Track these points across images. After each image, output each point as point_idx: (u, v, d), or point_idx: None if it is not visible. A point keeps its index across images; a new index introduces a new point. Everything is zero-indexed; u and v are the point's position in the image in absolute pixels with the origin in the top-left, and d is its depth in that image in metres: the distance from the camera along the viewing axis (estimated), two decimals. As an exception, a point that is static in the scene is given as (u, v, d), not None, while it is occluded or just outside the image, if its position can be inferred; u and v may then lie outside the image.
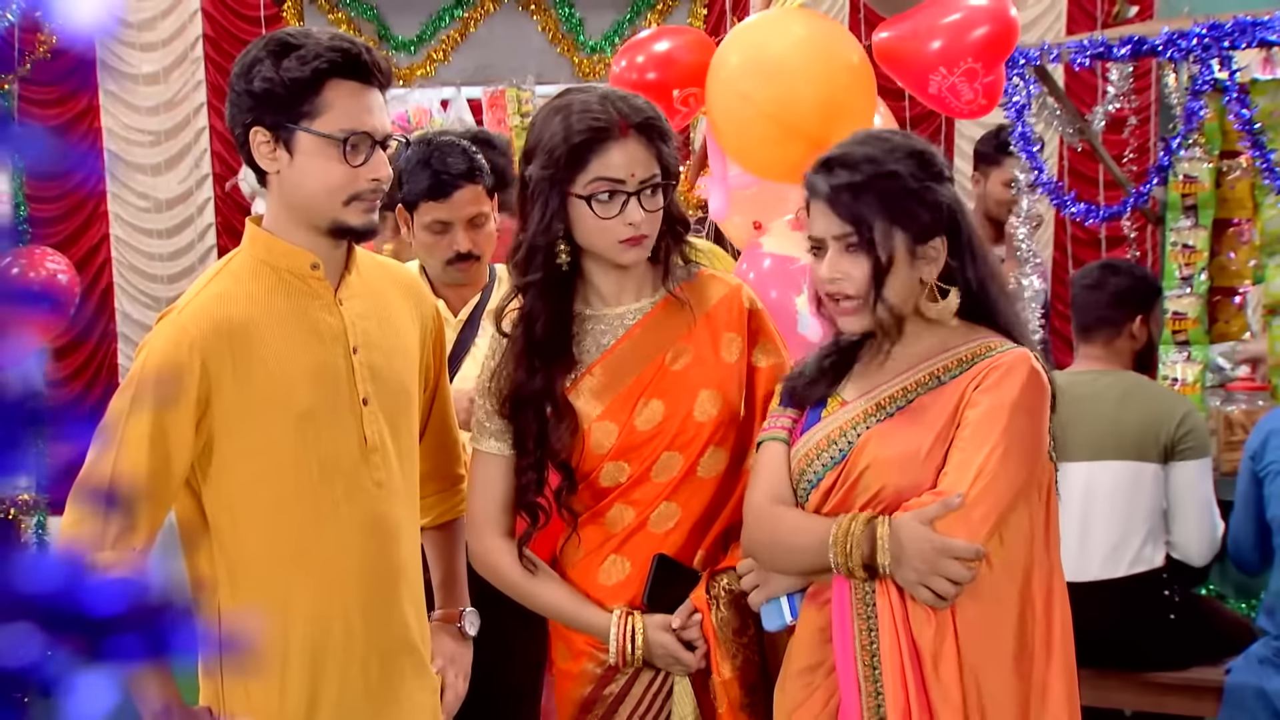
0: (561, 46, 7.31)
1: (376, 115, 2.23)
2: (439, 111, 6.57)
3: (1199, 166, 4.83)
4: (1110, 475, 3.77)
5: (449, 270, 3.18)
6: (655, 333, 2.35)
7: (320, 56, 2.15)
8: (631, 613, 2.30)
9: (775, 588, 2.17)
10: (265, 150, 2.19)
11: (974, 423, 2.02)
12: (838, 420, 2.13)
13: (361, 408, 2.26)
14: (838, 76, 3.17)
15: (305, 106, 2.16)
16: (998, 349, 2.09)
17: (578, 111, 2.26)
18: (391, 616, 2.29)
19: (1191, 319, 4.81)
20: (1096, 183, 6.66)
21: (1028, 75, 4.61)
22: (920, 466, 2.04)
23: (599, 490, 2.34)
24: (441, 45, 7.29)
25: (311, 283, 2.25)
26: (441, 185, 3.11)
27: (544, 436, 2.32)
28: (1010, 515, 2.04)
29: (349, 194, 2.20)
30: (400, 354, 2.35)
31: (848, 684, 2.05)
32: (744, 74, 3.21)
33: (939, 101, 3.32)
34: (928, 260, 2.09)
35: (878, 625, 2.03)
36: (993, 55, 3.24)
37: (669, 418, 2.30)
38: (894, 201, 2.05)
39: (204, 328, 2.17)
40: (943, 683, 2.00)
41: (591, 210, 2.26)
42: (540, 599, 2.38)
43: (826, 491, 2.12)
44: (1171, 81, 5.04)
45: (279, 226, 2.26)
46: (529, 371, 2.32)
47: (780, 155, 3.18)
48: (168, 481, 2.15)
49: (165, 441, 2.13)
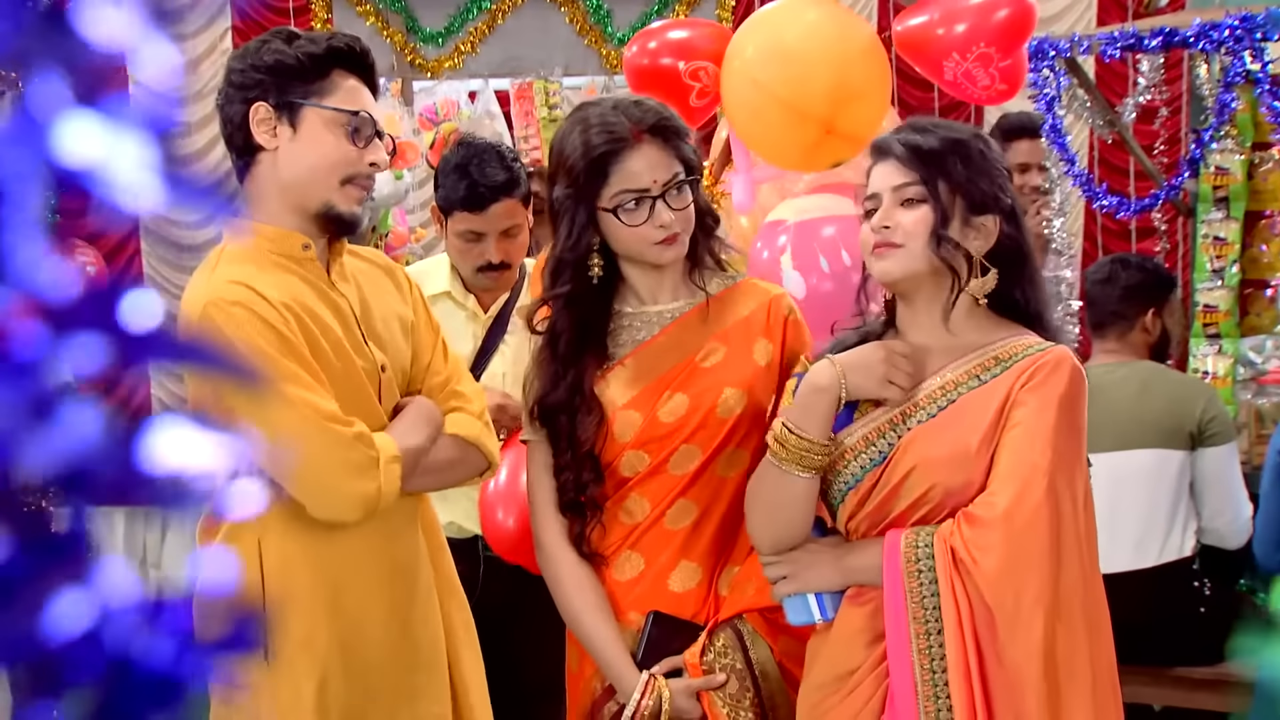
0: (589, 38, 7.31)
1: (373, 108, 2.32)
2: (466, 103, 6.57)
3: (1231, 158, 4.80)
4: (1136, 464, 3.77)
5: (481, 279, 3.17)
6: (689, 331, 2.35)
7: (326, 45, 2.27)
8: (656, 677, 2.27)
9: (807, 583, 2.14)
10: (265, 127, 2.24)
11: (1024, 422, 2.02)
12: (876, 420, 2.11)
13: (380, 375, 2.32)
14: (849, 61, 3.16)
15: (315, 84, 2.24)
16: (1036, 347, 2.09)
17: (593, 126, 2.28)
18: (418, 568, 2.37)
19: (1223, 311, 4.78)
20: (1126, 173, 6.63)
21: (1058, 67, 4.59)
22: (971, 465, 2.03)
23: (619, 479, 2.35)
24: (469, 37, 7.29)
25: (306, 264, 2.28)
26: (479, 198, 3.07)
27: (574, 429, 2.33)
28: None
29: (347, 173, 2.26)
30: (398, 321, 2.40)
31: (902, 684, 2.02)
32: (757, 58, 3.21)
33: (957, 88, 3.31)
34: (978, 232, 2.09)
35: (941, 618, 2.00)
36: (1008, 40, 3.23)
37: (692, 411, 2.30)
38: (958, 166, 2.08)
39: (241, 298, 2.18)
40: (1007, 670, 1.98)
41: (620, 221, 2.28)
42: (580, 621, 2.35)
43: (866, 493, 2.10)
44: (1203, 73, 5.00)
45: (266, 212, 2.28)
46: (553, 382, 2.34)
47: (791, 139, 3.18)
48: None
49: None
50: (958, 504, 2.04)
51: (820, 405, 2.07)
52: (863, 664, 2.08)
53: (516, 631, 2.94)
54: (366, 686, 2.30)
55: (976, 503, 2.01)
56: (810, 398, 2.08)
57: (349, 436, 2.18)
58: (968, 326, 2.13)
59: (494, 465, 2.46)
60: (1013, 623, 1.97)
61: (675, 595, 2.32)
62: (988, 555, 1.97)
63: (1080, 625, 2.03)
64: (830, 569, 2.13)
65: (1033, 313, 2.15)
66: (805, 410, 2.08)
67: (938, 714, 1.99)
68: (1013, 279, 2.13)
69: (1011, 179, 2.19)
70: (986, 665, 1.98)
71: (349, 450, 2.18)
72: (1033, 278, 2.17)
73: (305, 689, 2.24)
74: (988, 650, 1.98)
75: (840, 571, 2.12)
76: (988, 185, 2.09)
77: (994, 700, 1.98)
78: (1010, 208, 2.12)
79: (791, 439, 2.07)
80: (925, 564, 2.01)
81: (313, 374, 2.18)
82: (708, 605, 2.33)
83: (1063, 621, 1.99)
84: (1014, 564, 1.97)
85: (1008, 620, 1.97)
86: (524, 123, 6.53)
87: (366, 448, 2.19)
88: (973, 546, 1.98)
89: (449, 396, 2.42)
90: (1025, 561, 1.97)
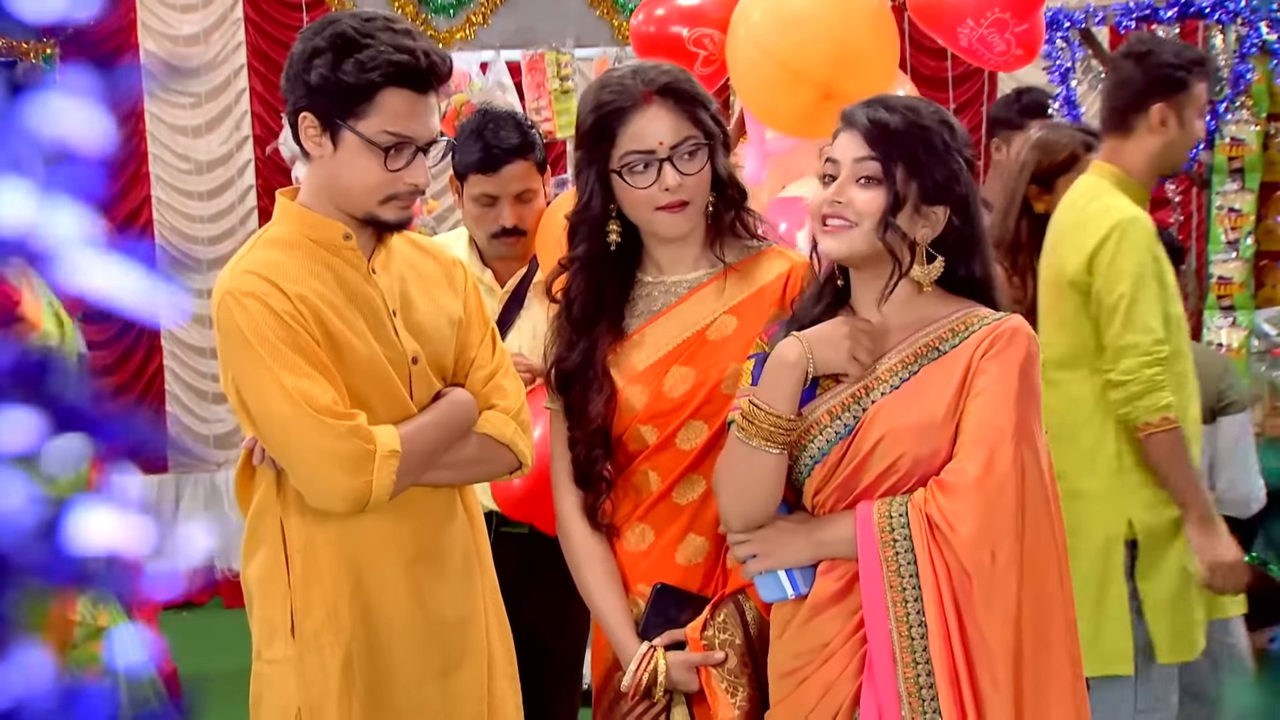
0: (601, 9, 7.28)
1: (423, 121, 2.25)
2: (478, 75, 6.55)
3: (1246, 129, 4.78)
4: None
5: (496, 245, 3.18)
6: (702, 304, 2.35)
7: (379, 68, 2.18)
8: (655, 649, 2.29)
9: (779, 559, 2.15)
10: (312, 135, 2.24)
11: (987, 389, 2.06)
12: (840, 395, 2.13)
13: (411, 366, 2.32)
14: (854, 26, 3.15)
15: (355, 107, 2.20)
16: (991, 318, 2.13)
17: (606, 86, 2.29)
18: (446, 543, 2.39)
19: (1237, 283, 4.77)
20: (1141, 144, 6.58)
21: (1073, 38, 4.56)
22: (937, 434, 2.07)
23: (629, 453, 2.35)
24: (481, 8, 7.27)
25: (345, 253, 2.29)
26: (492, 159, 3.11)
27: (584, 402, 2.34)
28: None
29: (385, 195, 2.25)
30: (444, 315, 2.40)
31: (881, 653, 2.04)
32: (762, 22, 3.19)
33: (972, 54, 3.30)
34: (926, 221, 2.12)
35: (918, 585, 2.03)
36: (1023, 4, 3.21)
37: (697, 386, 2.30)
38: (919, 152, 2.10)
39: (255, 289, 2.21)
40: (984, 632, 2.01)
41: (626, 183, 2.27)
42: (590, 592, 2.38)
43: (834, 466, 2.12)
44: (1219, 43, 4.98)
45: (315, 201, 2.31)
46: (568, 347, 2.35)
47: (790, 102, 3.17)
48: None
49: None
50: (925, 473, 2.07)
51: (788, 380, 2.10)
52: (837, 635, 2.11)
53: (527, 605, 2.95)
54: (391, 663, 2.33)
55: (947, 470, 2.05)
56: (778, 373, 2.10)
57: (342, 429, 2.18)
58: (920, 302, 2.16)
59: (526, 465, 2.45)
60: (988, 585, 2.01)
61: (682, 569, 2.33)
62: (963, 521, 2.01)
63: (1055, 584, 2.07)
64: (802, 544, 2.14)
65: (980, 287, 2.18)
66: (773, 386, 2.10)
67: (917, 679, 2.02)
68: (959, 262, 2.16)
69: (972, 167, 2.19)
70: (966, 629, 2.02)
71: (340, 442, 2.18)
72: (983, 260, 2.19)
73: (331, 665, 2.28)
74: (966, 615, 2.02)
75: (812, 546, 2.14)
76: (943, 175, 2.11)
77: (975, 663, 2.01)
78: (963, 198, 2.14)
79: (760, 414, 2.09)
80: (900, 533, 2.04)
81: (318, 365, 2.20)
82: (715, 579, 2.34)
83: (1033, 580, 2.04)
84: (988, 528, 2.01)
85: (984, 583, 2.01)
86: (535, 94, 6.50)
87: (362, 441, 2.20)
88: (948, 513, 2.02)
89: (491, 392, 2.42)
90: (999, 525, 2.02)
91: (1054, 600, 2.07)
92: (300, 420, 2.17)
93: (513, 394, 2.45)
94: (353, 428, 2.19)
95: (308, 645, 2.29)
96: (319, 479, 2.22)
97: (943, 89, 7.48)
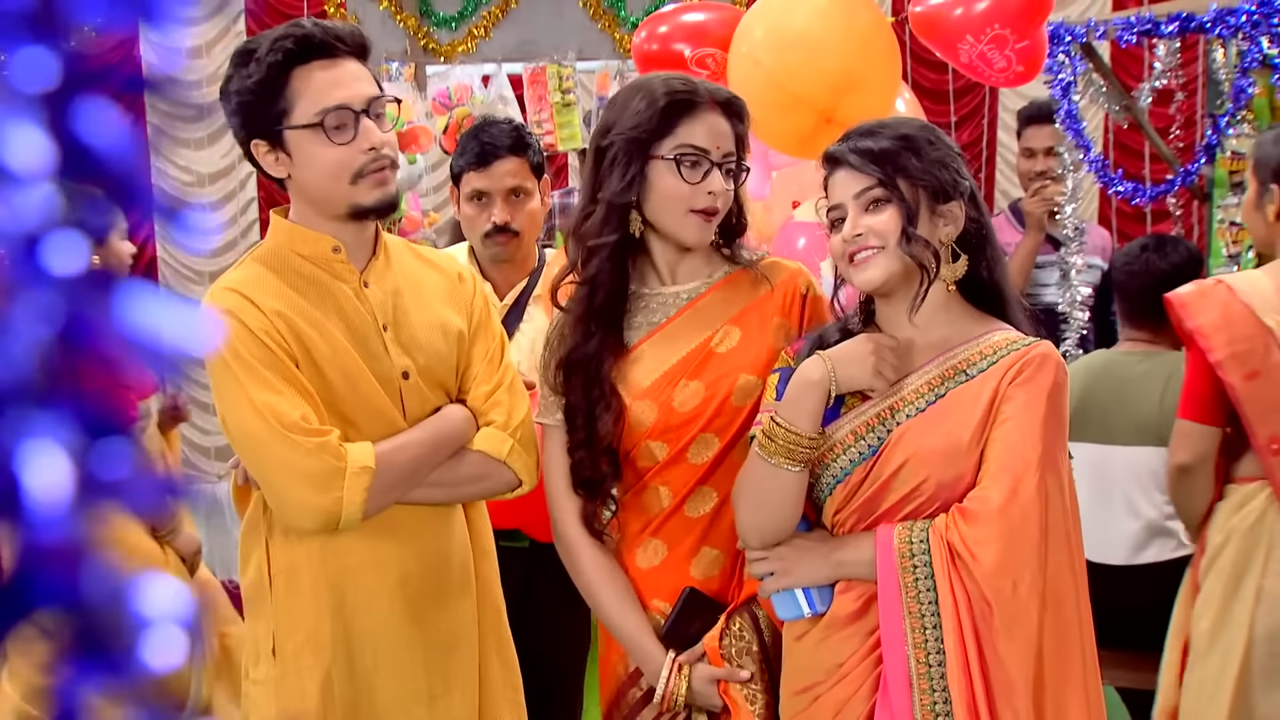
0: (602, 23, 7.29)
1: (349, 86, 2.22)
2: (480, 88, 6.56)
3: (1247, 143, 4.77)
4: (1159, 460, 3.74)
5: (489, 245, 3.19)
6: (705, 313, 2.34)
7: (272, 54, 2.17)
8: (683, 665, 2.28)
9: (797, 578, 2.14)
10: (270, 160, 2.24)
11: (1014, 417, 2.04)
12: (865, 415, 2.12)
13: (401, 382, 2.29)
14: (855, 48, 3.16)
15: (279, 105, 2.18)
16: (1021, 342, 2.12)
17: (670, 80, 2.29)
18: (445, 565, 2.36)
19: (1238, 297, 4.76)
20: (1141, 156, 6.62)
21: (1074, 52, 4.57)
22: (962, 459, 2.04)
23: (638, 469, 2.34)
24: (483, 21, 7.29)
25: (335, 266, 2.28)
26: (484, 154, 3.16)
27: (591, 417, 2.31)
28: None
29: (351, 172, 2.22)
30: (440, 328, 2.36)
31: (897, 678, 2.03)
32: (764, 41, 3.21)
33: (972, 70, 3.30)
34: (947, 219, 2.12)
35: (937, 612, 2.01)
36: (1023, 21, 3.22)
37: (707, 400, 2.29)
38: (913, 161, 2.10)
39: (231, 306, 2.20)
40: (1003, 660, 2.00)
41: (679, 174, 2.26)
42: (608, 612, 2.35)
43: (855, 487, 2.11)
44: (1220, 57, 4.98)
45: (302, 218, 2.30)
46: (586, 335, 2.31)
47: (790, 123, 3.17)
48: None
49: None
50: (948, 498, 2.05)
51: (811, 399, 2.09)
52: (851, 655, 2.10)
53: (529, 620, 2.94)
54: (374, 687, 2.30)
55: (970, 498, 2.03)
56: (801, 391, 2.09)
57: (310, 445, 2.15)
58: (945, 319, 2.15)
59: (526, 483, 2.40)
60: (1010, 614, 1.99)
61: (698, 582, 2.32)
62: (985, 550, 1.99)
63: (1072, 611, 2.06)
64: (820, 563, 2.13)
65: (999, 294, 2.18)
66: (796, 403, 2.09)
67: (934, 706, 2.01)
68: (979, 259, 2.16)
69: (964, 163, 2.20)
70: (986, 658, 2.00)
71: (308, 459, 2.15)
72: (997, 257, 2.20)
73: (309, 686, 2.26)
74: (986, 644, 2.00)
75: (830, 565, 2.13)
76: (944, 173, 2.12)
77: (994, 693, 2.00)
78: (970, 190, 2.15)
79: (780, 432, 2.08)
80: (921, 559, 2.02)
81: (290, 381, 2.17)
82: (731, 591, 2.33)
83: (1054, 609, 2.02)
84: (1010, 557, 1.99)
85: (1005, 612, 1.99)
86: (537, 107, 6.51)
87: (331, 457, 2.16)
88: (970, 541, 2.00)
89: (490, 408, 2.37)
90: (1021, 554, 1.99)
91: (1071, 629, 2.06)
92: (268, 436, 2.14)
93: (514, 410, 2.39)
94: (321, 444, 2.15)
95: (287, 666, 2.27)
96: (287, 496, 2.18)
97: (944, 101, 7.50)
